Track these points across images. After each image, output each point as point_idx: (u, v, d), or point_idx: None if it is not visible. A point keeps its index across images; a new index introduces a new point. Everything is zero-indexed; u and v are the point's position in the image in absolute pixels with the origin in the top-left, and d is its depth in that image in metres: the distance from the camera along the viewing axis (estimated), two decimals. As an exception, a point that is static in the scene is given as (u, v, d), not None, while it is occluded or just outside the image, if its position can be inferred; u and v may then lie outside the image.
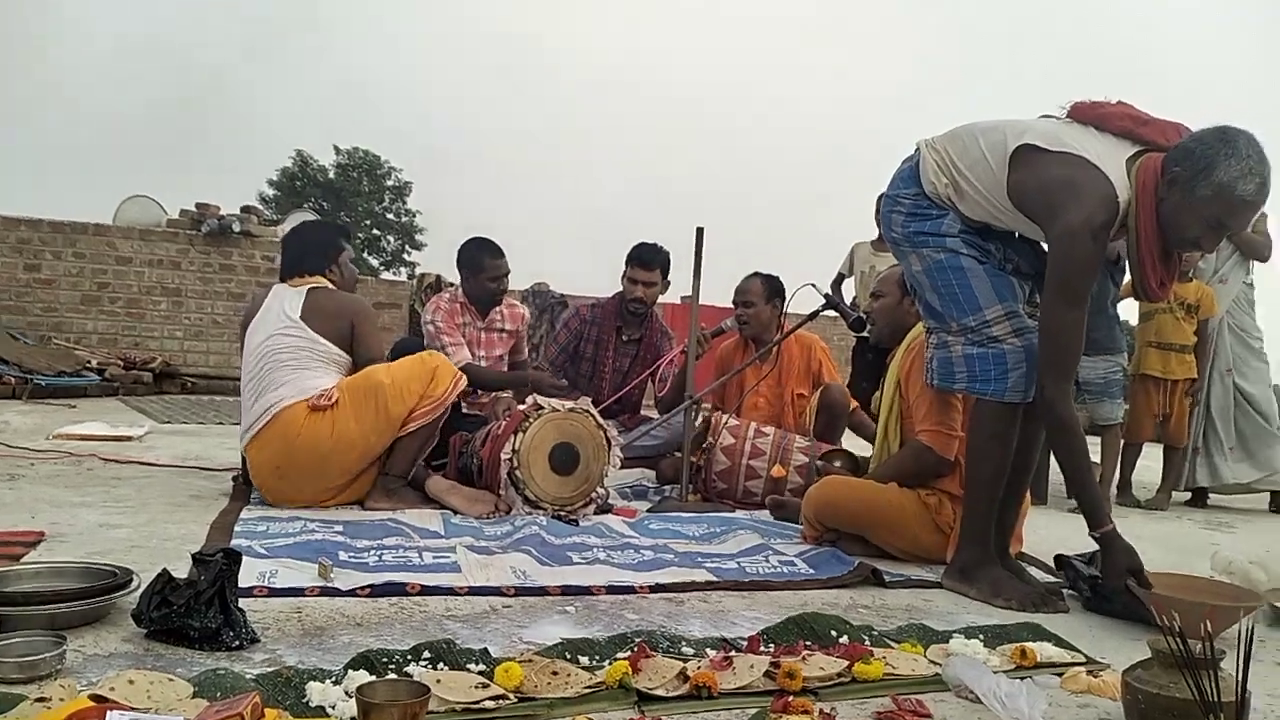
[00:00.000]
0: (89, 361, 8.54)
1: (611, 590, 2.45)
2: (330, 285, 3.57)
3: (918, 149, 2.75)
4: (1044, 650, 2.05)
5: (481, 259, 4.48)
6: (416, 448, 3.44)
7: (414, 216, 34.99)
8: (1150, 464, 5.23)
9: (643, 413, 5.12)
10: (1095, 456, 4.64)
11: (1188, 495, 5.16)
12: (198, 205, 10.20)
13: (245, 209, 10.73)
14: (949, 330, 2.68)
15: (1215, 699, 1.50)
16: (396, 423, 3.34)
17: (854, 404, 4.50)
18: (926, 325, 2.82)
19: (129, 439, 5.01)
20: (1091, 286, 2.52)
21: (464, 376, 3.54)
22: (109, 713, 1.34)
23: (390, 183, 34.65)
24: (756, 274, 4.56)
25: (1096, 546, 2.75)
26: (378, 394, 3.30)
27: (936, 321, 2.73)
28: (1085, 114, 2.55)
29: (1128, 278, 4.76)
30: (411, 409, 3.35)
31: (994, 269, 2.65)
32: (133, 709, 1.41)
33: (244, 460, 3.41)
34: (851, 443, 4.18)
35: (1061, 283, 2.44)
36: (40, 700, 1.46)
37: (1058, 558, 2.77)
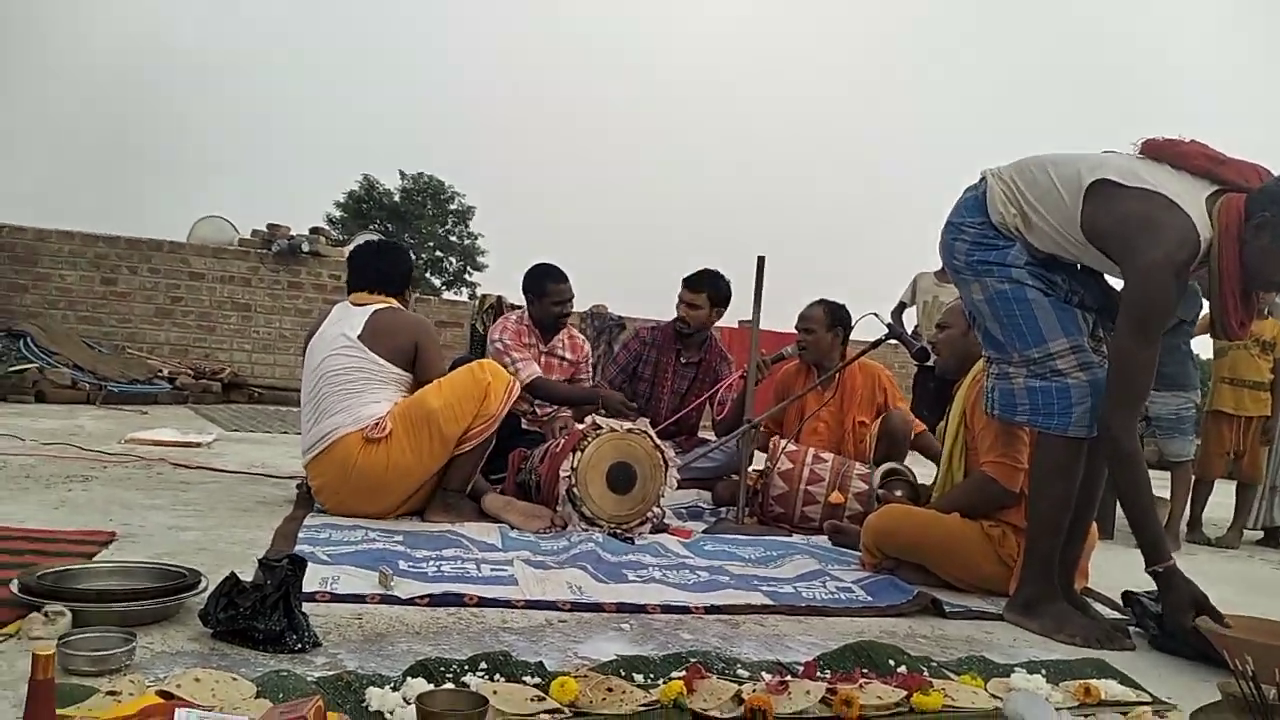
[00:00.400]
0: (160, 370, 8.77)
1: (667, 610, 2.44)
2: (399, 306, 3.60)
3: (983, 178, 2.73)
4: (1109, 688, 2.00)
5: (544, 284, 4.57)
6: (474, 463, 3.46)
7: (475, 239, 35.46)
8: (1223, 500, 5.08)
9: (700, 435, 5.11)
10: (1165, 492, 4.53)
11: (1260, 534, 5.00)
12: (268, 226, 10.45)
13: (314, 230, 10.97)
14: (1010, 361, 2.64)
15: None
16: (451, 443, 3.36)
17: (920, 427, 4.43)
18: (986, 354, 2.78)
19: (198, 445, 5.13)
20: (1167, 325, 2.47)
21: (518, 384, 3.55)
22: (177, 710, 1.37)
23: (454, 207, 35.15)
24: (821, 301, 4.53)
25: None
26: (430, 421, 3.30)
27: (997, 351, 2.69)
28: (1160, 151, 2.51)
29: (1204, 312, 4.67)
30: (466, 428, 3.35)
31: (1059, 301, 2.61)
32: (199, 706, 1.44)
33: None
34: (920, 466, 4.11)
35: (1138, 319, 2.40)
36: (111, 694, 1.50)
37: (1125, 594, 2.71)
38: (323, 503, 3.38)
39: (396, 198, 34.08)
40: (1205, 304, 4.58)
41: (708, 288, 4.75)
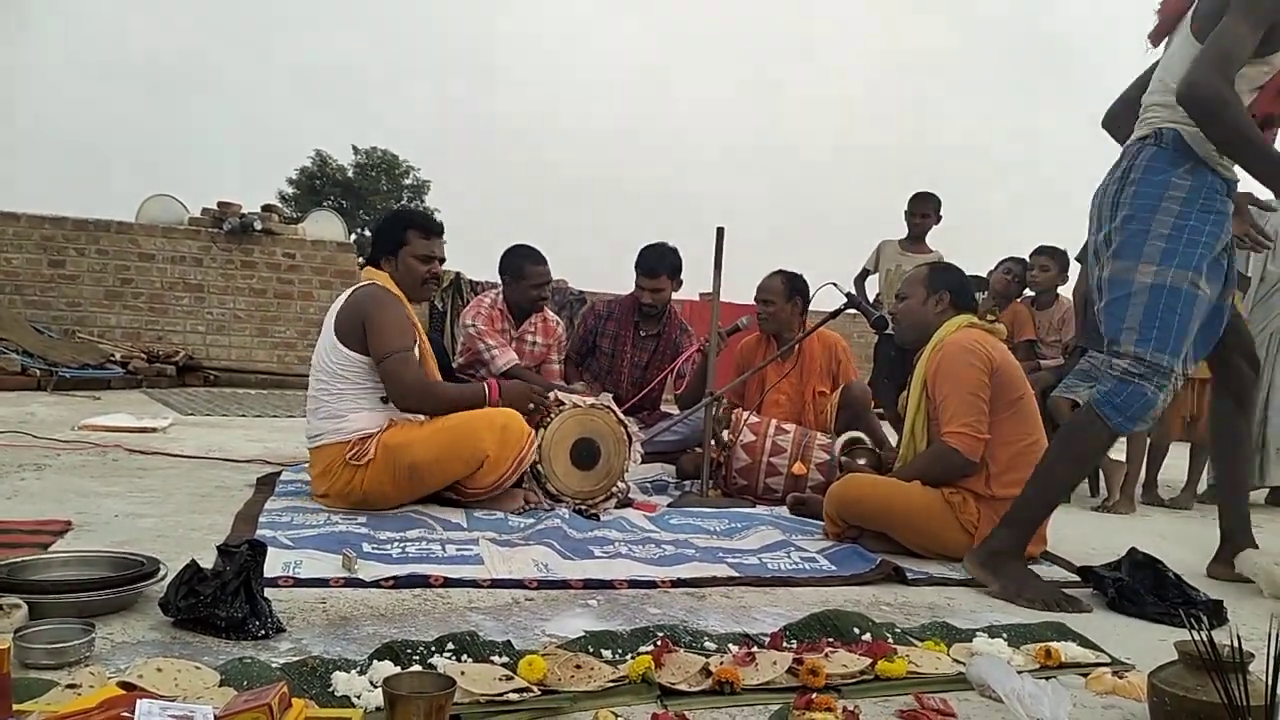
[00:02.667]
0: (112, 355, 8.61)
1: (633, 584, 2.45)
2: (385, 281, 3.32)
3: (1153, 133, 2.60)
4: (1069, 650, 2.04)
5: (524, 266, 4.51)
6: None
7: (432, 215, 35.14)
8: (1177, 461, 5.18)
9: (662, 409, 5.12)
10: (1121, 455, 4.61)
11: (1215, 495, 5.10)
12: (219, 203, 10.26)
13: (266, 207, 10.79)
14: (1119, 354, 2.57)
15: (1244, 703, 1.48)
16: (434, 489, 3.23)
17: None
18: (1100, 344, 2.69)
19: (153, 430, 5.05)
20: (1265, 23, 2.45)
21: (532, 449, 3.29)
22: (139, 701, 1.35)
23: (408, 181, 34.77)
24: (779, 272, 4.53)
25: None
26: (413, 473, 3.12)
27: (1111, 338, 2.60)
28: None
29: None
30: (458, 483, 3.22)
31: (1213, 306, 2.60)
32: (162, 697, 1.42)
33: None
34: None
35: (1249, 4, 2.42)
36: (71, 687, 1.48)
37: (1081, 569, 2.76)
38: (314, 490, 3.27)
39: (350, 173, 33.63)
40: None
41: (665, 269, 4.73)
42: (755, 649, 1.89)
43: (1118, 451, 4.68)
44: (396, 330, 3.19)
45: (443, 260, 3.48)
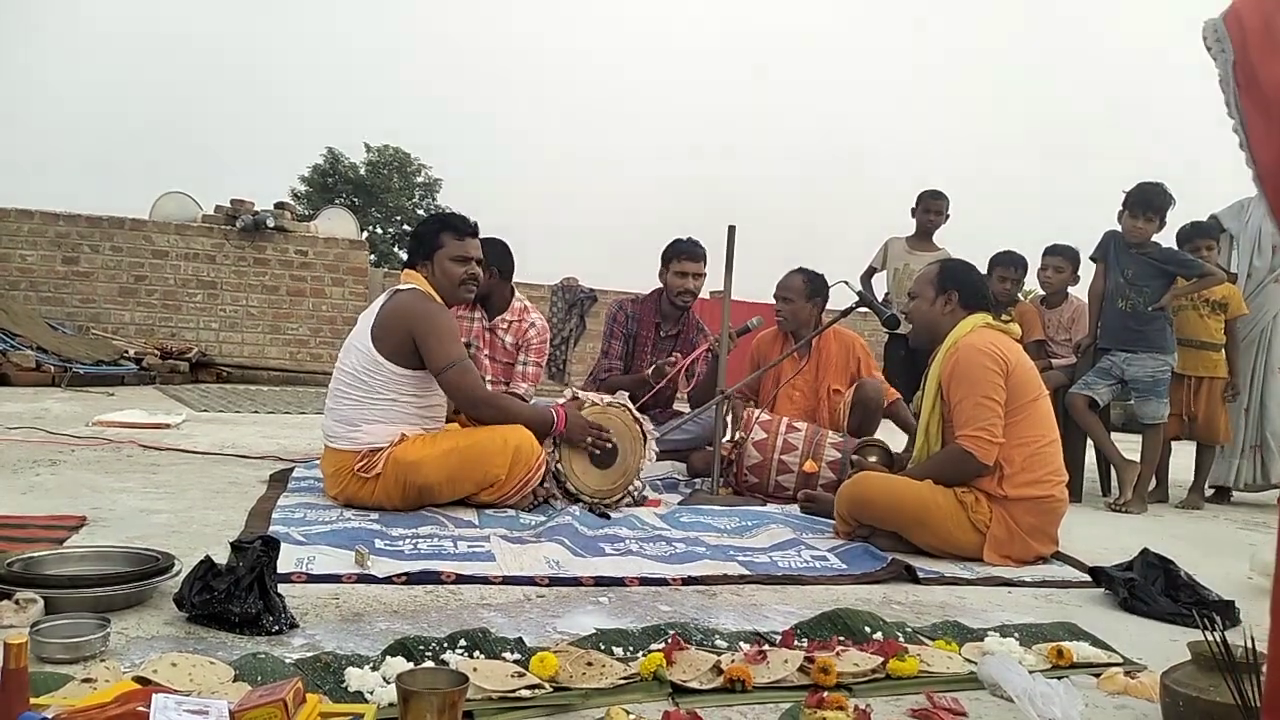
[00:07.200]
0: (126, 351, 8.66)
1: (644, 582, 2.46)
2: (424, 286, 3.29)
3: None
4: (1080, 650, 2.04)
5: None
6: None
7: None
8: (1188, 461, 5.16)
9: (674, 406, 5.11)
10: (1135, 455, 4.59)
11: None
12: (232, 201, 10.31)
13: (279, 205, 10.85)
14: None
15: (1257, 704, 1.47)
16: (442, 502, 3.20)
17: (894, 395, 4.43)
18: None
19: (167, 426, 5.08)
20: None
21: (542, 465, 3.28)
22: (154, 695, 1.36)
23: (420, 180, 34.82)
24: (800, 270, 4.50)
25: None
26: (422, 492, 3.11)
27: None
28: None
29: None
30: (468, 496, 3.22)
31: None
32: (177, 691, 1.43)
33: None
34: (889, 435, 4.14)
35: None
36: (86, 681, 1.49)
37: (1093, 569, 2.75)
38: (326, 488, 3.28)
39: (362, 171, 33.69)
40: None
41: (703, 254, 4.68)
42: (766, 647, 1.89)
43: (1132, 451, 4.66)
44: (451, 339, 3.20)
45: (479, 260, 3.42)
